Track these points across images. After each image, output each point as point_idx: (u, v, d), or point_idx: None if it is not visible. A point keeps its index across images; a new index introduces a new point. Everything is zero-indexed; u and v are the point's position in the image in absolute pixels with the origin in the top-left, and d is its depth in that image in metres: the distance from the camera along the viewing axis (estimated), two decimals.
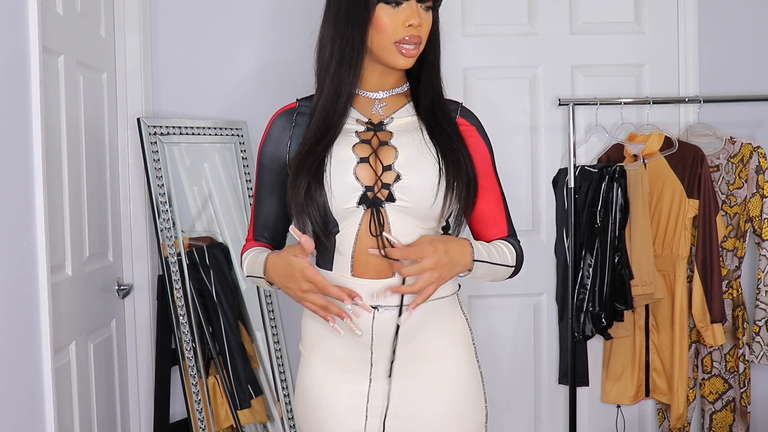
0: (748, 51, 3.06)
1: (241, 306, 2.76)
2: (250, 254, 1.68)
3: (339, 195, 1.55)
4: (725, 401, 2.95)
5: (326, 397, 1.62)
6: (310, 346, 1.66)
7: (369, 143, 1.59)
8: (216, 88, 2.89)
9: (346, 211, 1.56)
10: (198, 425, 2.55)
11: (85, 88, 2.37)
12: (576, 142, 2.92)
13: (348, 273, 1.57)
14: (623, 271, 2.78)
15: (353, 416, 1.60)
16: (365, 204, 1.55)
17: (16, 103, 1.67)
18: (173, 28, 2.86)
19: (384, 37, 1.56)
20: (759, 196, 2.85)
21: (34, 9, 1.71)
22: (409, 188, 1.56)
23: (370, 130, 1.62)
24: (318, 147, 1.57)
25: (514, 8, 3.05)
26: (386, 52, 1.57)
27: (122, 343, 2.71)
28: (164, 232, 2.56)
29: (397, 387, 1.59)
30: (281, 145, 1.66)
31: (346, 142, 1.59)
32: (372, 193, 1.55)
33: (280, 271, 1.56)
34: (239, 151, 2.82)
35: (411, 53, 1.57)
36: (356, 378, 1.60)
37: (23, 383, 1.69)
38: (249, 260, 1.67)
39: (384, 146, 1.59)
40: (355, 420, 1.60)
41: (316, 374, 1.64)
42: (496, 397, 3.12)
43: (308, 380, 1.65)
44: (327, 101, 1.60)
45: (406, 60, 1.58)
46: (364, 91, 1.65)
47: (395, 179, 1.56)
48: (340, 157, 1.57)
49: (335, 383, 1.61)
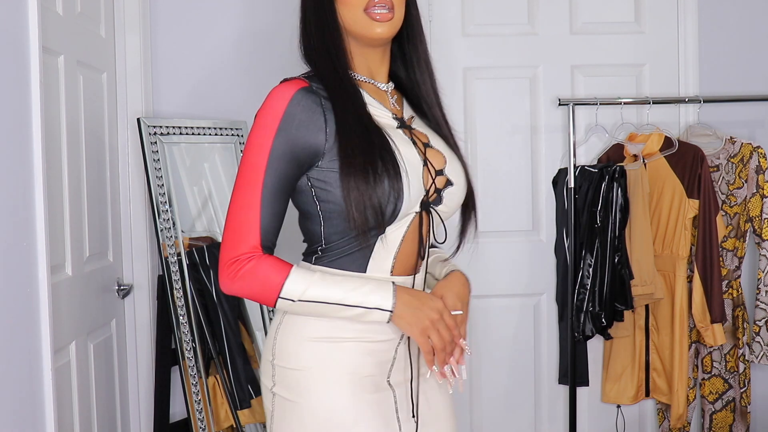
0: (748, 51, 3.06)
1: (241, 306, 2.76)
2: (312, 278, 1.40)
3: (412, 198, 1.44)
4: (725, 401, 2.95)
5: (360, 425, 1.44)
6: (316, 367, 1.47)
7: (415, 143, 1.51)
8: (216, 88, 2.89)
9: (408, 214, 1.46)
10: (198, 425, 2.55)
11: (85, 88, 2.37)
12: (576, 142, 2.92)
13: (388, 273, 1.48)
14: (623, 271, 2.78)
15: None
16: (423, 208, 1.49)
17: (16, 103, 1.67)
18: (173, 28, 2.86)
19: (351, 7, 1.45)
20: (759, 196, 2.85)
21: (34, 9, 1.71)
22: (453, 195, 1.54)
23: (403, 126, 1.53)
24: (378, 140, 1.43)
25: (514, 8, 3.05)
26: (359, 25, 1.45)
27: (122, 343, 2.71)
28: (164, 232, 2.56)
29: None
30: (313, 128, 1.41)
31: (402, 140, 1.49)
32: (426, 197, 1.49)
33: (412, 304, 1.44)
34: (239, 151, 2.82)
35: (385, 17, 1.44)
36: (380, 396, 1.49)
37: (23, 383, 1.69)
38: (328, 288, 1.41)
39: (429, 148, 1.53)
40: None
41: (339, 399, 1.45)
42: (496, 397, 3.13)
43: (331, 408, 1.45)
44: (342, 89, 1.45)
45: (383, 27, 1.45)
46: (375, 81, 1.55)
47: (445, 185, 1.53)
48: (410, 157, 1.46)
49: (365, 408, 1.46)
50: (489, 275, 3.07)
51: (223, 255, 1.41)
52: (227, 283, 1.41)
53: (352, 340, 1.46)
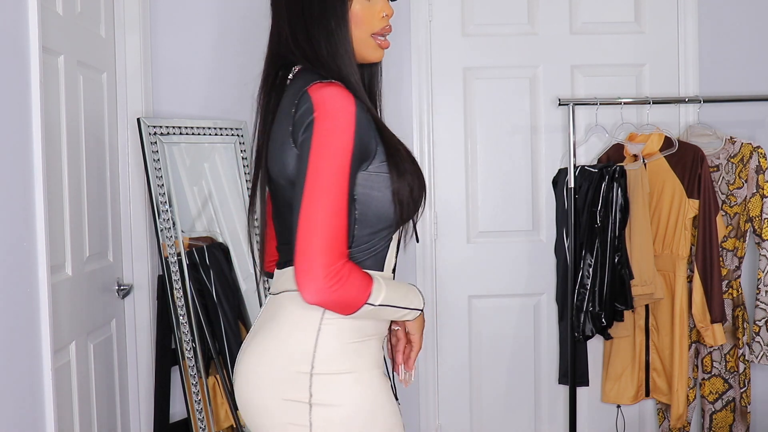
0: (748, 51, 3.06)
1: (241, 306, 2.76)
2: (380, 283, 1.44)
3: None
4: (725, 401, 2.95)
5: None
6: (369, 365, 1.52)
7: None
8: (216, 88, 2.89)
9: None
10: (198, 425, 2.55)
11: (85, 88, 2.37)
12: (576, 142, 2.92)
13: (391, 270, 1.53)
14: (623, 271, 2.78)
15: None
16: None
17: (16, 103, 1.67)
18: (173, 28, 2.86)
19: (361, 29, 1.49)
20: (759, 196, 2.85)
21: (34, 9, 1.71)
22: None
23: None
24: (399, 140, 1.50)
25: (514, 8, 3.05)
26: (363, 45, 1.50)
27: (122, 343, 2.71)
28: (164, 232, 2.56)
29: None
30: (372, 132, 1.42)
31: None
32: None
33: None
34: (239, 151, 2.82)
35: (385, 45, 1.53)
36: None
37: (23, 383, 1.69)
38: (392, 291, 1.46)
39: None
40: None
41: (380, 394, 1.52)
42: (496, 396, 3.13)
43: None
44: (364, 93, 1.48)
45: (382, 53, 1.53)
46: None
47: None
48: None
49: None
50: (489, 275, 3.08)
51: (323, 263, 1.35)
52: (328, 292, 1.36)
53: (374, 337, 1.50)
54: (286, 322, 1.46)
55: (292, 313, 1.46)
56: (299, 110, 1.40)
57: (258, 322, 1.55)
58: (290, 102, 1.44)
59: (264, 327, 1.50)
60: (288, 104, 1.45)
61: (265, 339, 1.48)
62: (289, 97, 1.46)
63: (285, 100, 1.47)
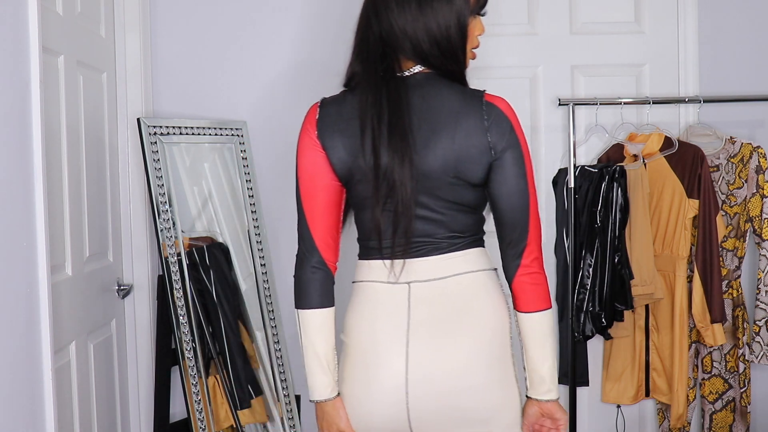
0: (748, 51, 3.06)
1: (241, 306, 2.76)
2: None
3: None
4: (725, 401, 2.95)
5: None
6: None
7: None
8: (216, 88, 2.89)
9: None
10: (198, 425, 2.55)
11: (85, 88, 2.37)
12: (576, 142, 2.92)
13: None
14: (623, 271, 2.78)
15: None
16: None
17: (16, 103, 1.67)
18: (173, 28, 2.86)
19: (470, 45, 1.75)
20: (759, 196, 2.85)
21: (34, 9, 1.71)
22: None
23: None
24: None
25: (514, 8, 3.05)
26: (466, 55, 1.76)
27: (122, 343, 2.71)
28: (164, 232, 2.56)
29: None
30: None
31: None
32: None
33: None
34: (239, 151, 2.82)
35: (473, 57, 1.80)
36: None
37: (23, 383, 1.69)
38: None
39: None
40: None
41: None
42: None
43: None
44: None
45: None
46: None
47: None
48: None
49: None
50: None
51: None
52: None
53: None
54: (489, 296, 1.78)
55: (495, 288, 1.80)
56: (490, 118, 1.73)
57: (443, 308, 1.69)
58: (470, 106, 1.74)
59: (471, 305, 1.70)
60: (466, 107, 1.72)
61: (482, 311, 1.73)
62: (460, 100, 1.72)
63: (454, 100, 1.71)
